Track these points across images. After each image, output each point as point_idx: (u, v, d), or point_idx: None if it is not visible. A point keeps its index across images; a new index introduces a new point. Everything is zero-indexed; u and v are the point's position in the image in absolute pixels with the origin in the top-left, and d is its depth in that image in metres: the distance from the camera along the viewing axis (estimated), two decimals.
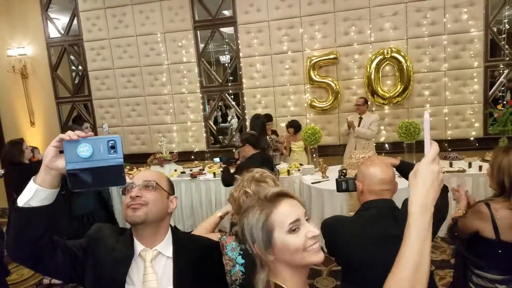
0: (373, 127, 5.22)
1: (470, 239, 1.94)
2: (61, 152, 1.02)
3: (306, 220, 1.02)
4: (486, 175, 1.96)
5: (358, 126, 5.24)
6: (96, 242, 1.30)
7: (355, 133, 5.23)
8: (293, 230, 0.98)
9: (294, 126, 5.59)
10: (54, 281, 4.21)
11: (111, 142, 1.02)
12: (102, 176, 1.02)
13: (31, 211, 1.02)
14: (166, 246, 1.34)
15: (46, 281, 4.23)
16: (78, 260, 1.23)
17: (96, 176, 1.02)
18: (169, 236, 1.37)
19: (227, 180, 3.56)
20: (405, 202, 1.79)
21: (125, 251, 1.29)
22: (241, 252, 1.56)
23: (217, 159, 4.39)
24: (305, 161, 5.45)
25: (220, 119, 7.34)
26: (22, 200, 1.02)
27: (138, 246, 1.30)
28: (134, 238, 1.32)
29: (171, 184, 1.43)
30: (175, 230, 1.42)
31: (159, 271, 1.29)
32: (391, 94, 5.66)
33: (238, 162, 3.99)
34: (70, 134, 1.00)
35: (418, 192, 0.83)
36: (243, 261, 1.54)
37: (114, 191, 5.12)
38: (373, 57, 5.69)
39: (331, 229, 1.72)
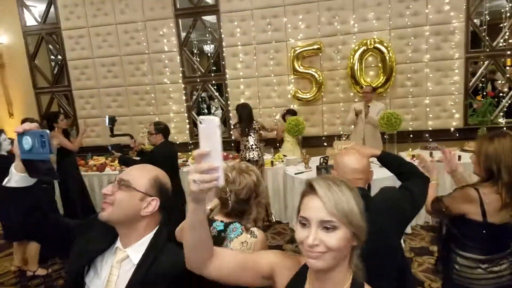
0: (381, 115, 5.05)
1: (454, 220, 2.02)
2: None
3: (325, 228, 0.97)
4: (472, 163, 2.03)
5: (366, 115, 5.11)
6: (85, 228, 1.33)
7: (367, 120, 5.05)
8: (302, 223, 1.02)
9: (292, 113, 5.53)
10: (38, 272, 4.17)
11: (42, 137, 1.08)
12: (41, 168, 1.13)
13: (10, 190, 1.19)
14: (136, 252, 1.25)
15: (29, 273, 4.18)
16: (69, 237, 1.33)
17: (37, 167, 1.13)
18: (144, 241, 1.27)
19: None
20: (382, 190, 1.84)
21: (98, 245, 1.28)
22: None
23: (109, 147, 4.36)
24: (299, 153, 5.31)
25: (205, 111, 7.28)
26: (5, 181, 1.20)
27: (118, 243, 1.29)
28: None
29: (156, 184, 1.30)
30: (158, 237, 1.29)
31: (121, 275, 1.24)
32: (374, 85, 5.67)
33: (135, 149, 4.27)
34: (19, 127, 1.11)
35: None
36: None
37: None
38: (356, 48, 5.69)
39: None
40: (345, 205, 0.98)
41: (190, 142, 6.50)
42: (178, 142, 6.49)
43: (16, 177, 1.18)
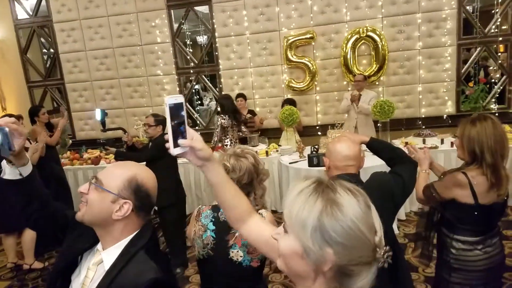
0: (372, 103, 5.06)
1: (446, 205, 2.05)
2: None
3: (284, 229, 0.86)
4: (456, 146, 2.07)
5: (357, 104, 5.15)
6: (79, 224, 1.27)
7: (358, 109, 5.11)
8: None
9: (290, 103, 5.53)
10: (35, 266, 4.20)
11: (4, 135, 1.11)
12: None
13: (5, 182, 1.22)
14: (110, 256, 1.16)
15: (26, 266, 4.20)
16: (67, 228, 1.32)
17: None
18: (120, 246, 1.17)
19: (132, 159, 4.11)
20: (373, 175, 1.86)
21: (85, 242, 1.24)
22: (213, 220, 1.72)
23: (102, 142, 4.23)
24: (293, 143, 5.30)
25: (197, 102, 7.26)
26: (1, 173, 1.24)
27: (99, 244, 1.23)
28: None
29: (131, 186, 1.17)
30: (134, 244, 1.17)
31: (95, 278, 1.16)
32: (367, 74, 5.69)
33: (128, 143, 4.16)
34: None
35: None
36: (214, 227, 1.71)
37: None
38: (349, 36, 5.69)
39: None
40: (295, 214, 0.81)
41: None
42: None
43: (7, 170, 1.20)
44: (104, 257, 1.17)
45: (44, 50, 7.28)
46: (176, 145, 0.97)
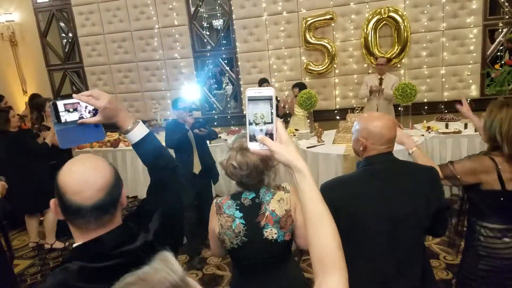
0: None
1: (468, 190, 1.99)
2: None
3: None
4: (482, 129, 1.99)
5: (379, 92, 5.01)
6: None
7: (384, 96, 4.95)
8: None
9: (300, 86, 5.40)
10: (56, 245, 4.30)
11: None
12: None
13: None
14: None
15: (47, 246, 4.30)
16: None
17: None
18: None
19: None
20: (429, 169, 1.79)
21: None
22: (238, 207, 1.66)
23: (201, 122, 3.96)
24: (307, 126, 5.25)
25: (214, 86, 7.22)
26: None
27: None
28: None
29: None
30: (69, 258, 0.99)
31: None
32: (388, 56, 5.54)
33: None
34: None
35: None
36: (241, 214, 1.65)
37: None
38: (370, 17, 5.53)
39: (333, 190, 1.66)
40: None
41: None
42: None
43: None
44: None
45: (63, 34, 7.33)
46: (253, 138, 0.86)
